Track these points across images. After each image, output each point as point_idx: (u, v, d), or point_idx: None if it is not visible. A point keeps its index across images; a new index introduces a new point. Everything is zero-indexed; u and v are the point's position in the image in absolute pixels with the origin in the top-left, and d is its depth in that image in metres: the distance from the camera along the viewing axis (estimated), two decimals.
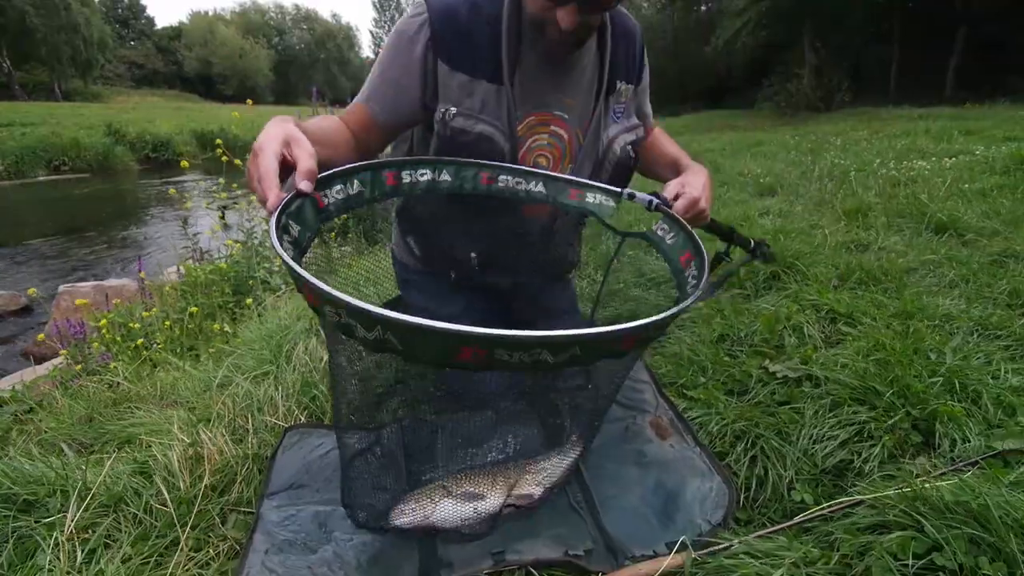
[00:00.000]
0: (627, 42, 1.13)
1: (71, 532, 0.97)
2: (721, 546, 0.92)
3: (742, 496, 1.06)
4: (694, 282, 0.90)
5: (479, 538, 1.00)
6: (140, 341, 2.06)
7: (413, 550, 1.02)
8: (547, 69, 1.05)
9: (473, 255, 1.16)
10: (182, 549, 0.91)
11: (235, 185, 3.01)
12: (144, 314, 2.22)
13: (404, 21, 1.01)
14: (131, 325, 2.16)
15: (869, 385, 1.20)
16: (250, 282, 2.46)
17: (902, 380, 1.20)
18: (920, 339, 1.44)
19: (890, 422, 1.12)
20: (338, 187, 0.91)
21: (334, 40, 72.45)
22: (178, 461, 1.09)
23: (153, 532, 0.99)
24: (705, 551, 0.91)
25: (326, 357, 1.62)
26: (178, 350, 2.12)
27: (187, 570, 0.91)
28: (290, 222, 0.76)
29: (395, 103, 1.04)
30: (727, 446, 1.15)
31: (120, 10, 54.46)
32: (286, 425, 1.27)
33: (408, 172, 1.02)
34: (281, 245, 0.67)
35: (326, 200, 0.88)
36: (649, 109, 1.28)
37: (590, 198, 1.13)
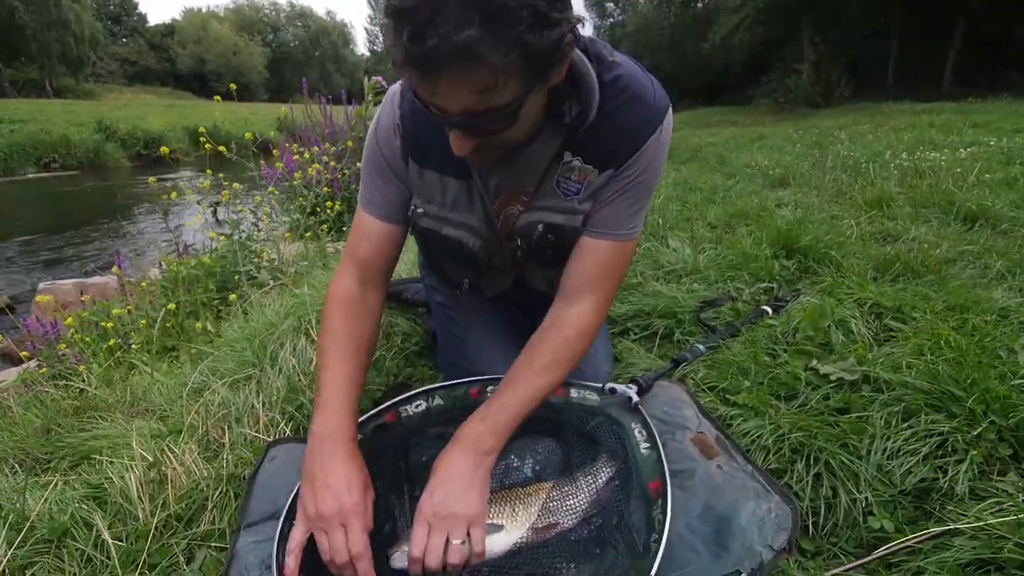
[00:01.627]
0: (619, 126, 0.90)
1: (3, 572, 0.80)
2: None
3: (809, 522, 0.89)
4: (656, 537, 0.81)
5: None
6: (112, 342, 1.88)
7: None
8: (509, 161, 0.93)
9: (465, 281, 1.17)
10: None
11: (221, 175, 2.83)
12: (115, 311, 2.04)
13: (382, 124, 0.98)
14: (104, 324, 1.98)
15: (944, 389, 1.04)
16: (235, 277, 2.29)
17: (982, 383, 1.04)
18: (985, 336, 1.28)
19: (974, 433, 0.96)
20: None
21: (329, 37, 71.95)
22: (137, 485, 0.91)
23: (103, 573, 0.81)
24: None
25: (316, 360, 1.45)
26: (156, 351, 1.95)
27: None
28: (291, 524, 0.81)
29: (391, 203, 1.02)
30: (784, 461, 0.99)
31: (112, 7, 53.81)
32: (267, 438, 1.09)
33: (404, 408, 1.07)
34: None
35: None
36: (623, 224, 0.97)
37: (574, 393, 1.11)
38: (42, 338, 2.23)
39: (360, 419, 1.03)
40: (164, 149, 3.14)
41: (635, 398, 1.06)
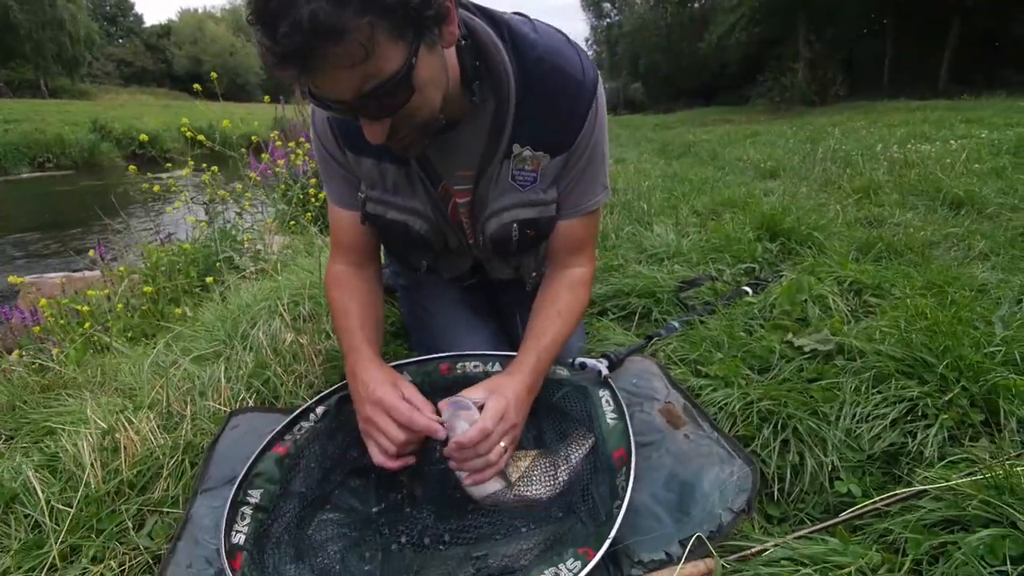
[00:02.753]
0: (553, 106, 0.89)
1: None
2: (754, 549, 0.74)
3: (775, 488, 0.88)
4: (619, 503, 0.79)
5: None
6: (88, 325, 1.86)
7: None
8: (438, 143, 0.92)
9: (424, 263, 1.17)
10: (56, 563, 0.71)
11: (205, 164, 2.81)
12: (90, 293, 2.01)
13: (317, 119, 0.97)
14: (80, 308, 1.95)
15: (917, 356, 1.02)
16: (217, 264, 2.27)
17: (954, 351, 1.02)
18: (963, 308, 1.26)
19: (946, 398, 0.94)
20: (299, 425, 0.96)
21: None
22: (89, 452, 0.89)
23: (51, 538, 0.79)
24: (735, 556, 0.73)
25: (289, 338, 1.43)
26: (133, 337, 1.92)
27: None
28: (248, 492, 0.83)
29: (345, 193, 1.03)
30: (752, 428, 0.97)
31: (108, 7, 53.68)
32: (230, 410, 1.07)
33: None
34: (230, 532, 0.77)
35: (292, 441, 0.93)
36: (592, 196, 1.00)
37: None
38: (20, 326, 2.20)
39: (325, 392, 1.03)
40: (143, 136, 3.08)
41: (605, 371, 1.05)
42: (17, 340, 2.23)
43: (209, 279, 1.96)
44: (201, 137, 2.54)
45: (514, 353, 1.08)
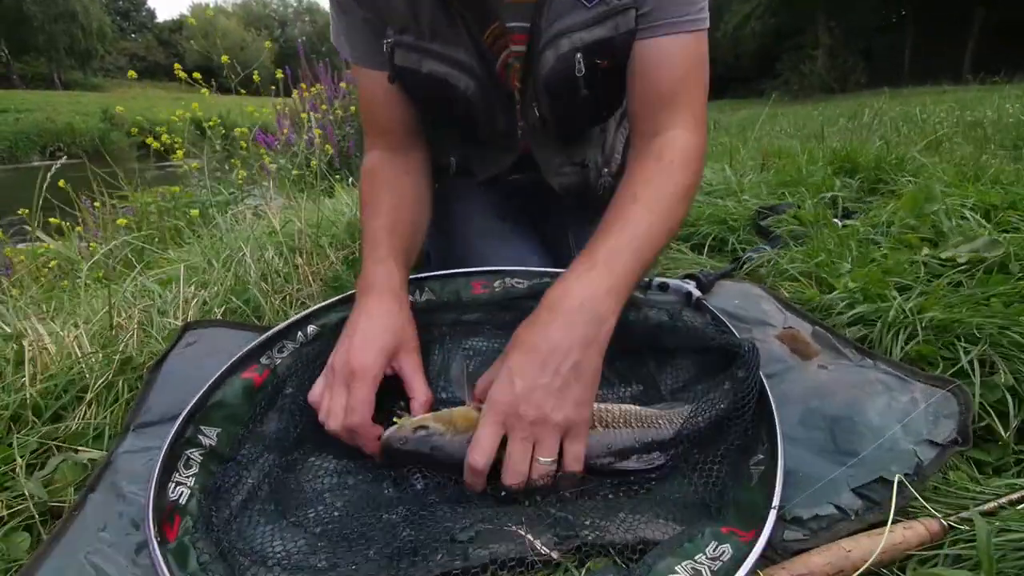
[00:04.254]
0: None
1: None
2: (1013, 495, 0.46)
3: (995, 420, 0.59)
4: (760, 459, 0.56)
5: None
6: (54, 263, 1.61)
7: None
8: None
9: (452, 160, 0.95)
10: None
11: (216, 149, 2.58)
12: (52, 220, 1.77)
13: None
14: (44, 247, 1.70)
15: None
16: (210, 209, 2.01)
17: None
18: None
19: None
20: (281, 344, 0.73)
21: None
22: None
23: None
24: (972, 511, 0.44)
25: (282, 263, 1.16)
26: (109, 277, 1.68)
27: None
28: (201, 429, 0.60)
29: (372, 43, 0.77)
30: (929, 347, 0.68)
31: (120, 2, 53.96)
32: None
33: None
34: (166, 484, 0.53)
35: (269, 364, 0.70)
36: (678, 7, 0.69)
37: None
38: None
39: (321, 305, 0.76)
40: (171, 125, 2.85)
41: (696, 292, 0.77)
42: None
43: (194, 211, 1.70)
44: (214, 121, 2.28)
45: (558, 271, 0.81)
